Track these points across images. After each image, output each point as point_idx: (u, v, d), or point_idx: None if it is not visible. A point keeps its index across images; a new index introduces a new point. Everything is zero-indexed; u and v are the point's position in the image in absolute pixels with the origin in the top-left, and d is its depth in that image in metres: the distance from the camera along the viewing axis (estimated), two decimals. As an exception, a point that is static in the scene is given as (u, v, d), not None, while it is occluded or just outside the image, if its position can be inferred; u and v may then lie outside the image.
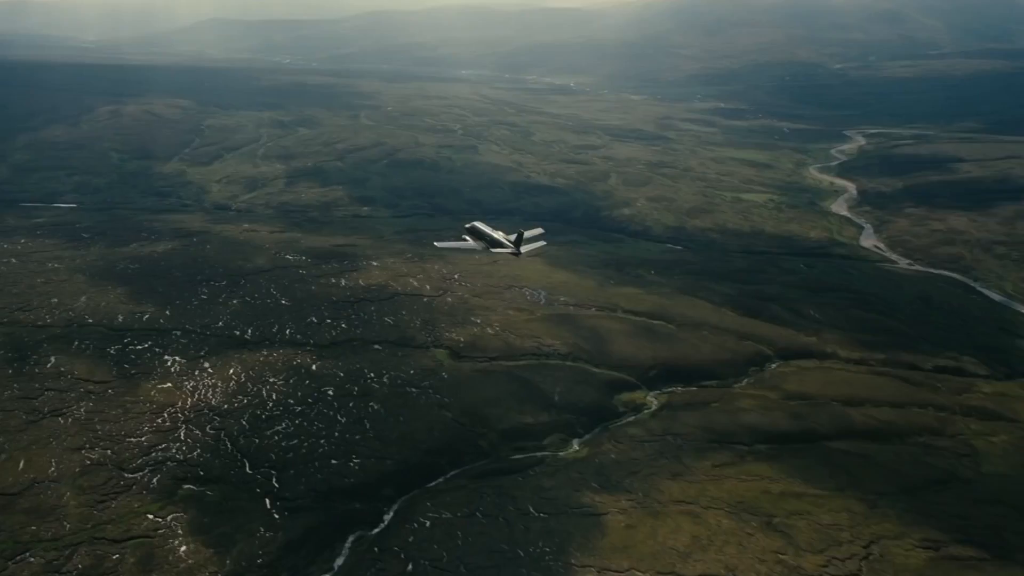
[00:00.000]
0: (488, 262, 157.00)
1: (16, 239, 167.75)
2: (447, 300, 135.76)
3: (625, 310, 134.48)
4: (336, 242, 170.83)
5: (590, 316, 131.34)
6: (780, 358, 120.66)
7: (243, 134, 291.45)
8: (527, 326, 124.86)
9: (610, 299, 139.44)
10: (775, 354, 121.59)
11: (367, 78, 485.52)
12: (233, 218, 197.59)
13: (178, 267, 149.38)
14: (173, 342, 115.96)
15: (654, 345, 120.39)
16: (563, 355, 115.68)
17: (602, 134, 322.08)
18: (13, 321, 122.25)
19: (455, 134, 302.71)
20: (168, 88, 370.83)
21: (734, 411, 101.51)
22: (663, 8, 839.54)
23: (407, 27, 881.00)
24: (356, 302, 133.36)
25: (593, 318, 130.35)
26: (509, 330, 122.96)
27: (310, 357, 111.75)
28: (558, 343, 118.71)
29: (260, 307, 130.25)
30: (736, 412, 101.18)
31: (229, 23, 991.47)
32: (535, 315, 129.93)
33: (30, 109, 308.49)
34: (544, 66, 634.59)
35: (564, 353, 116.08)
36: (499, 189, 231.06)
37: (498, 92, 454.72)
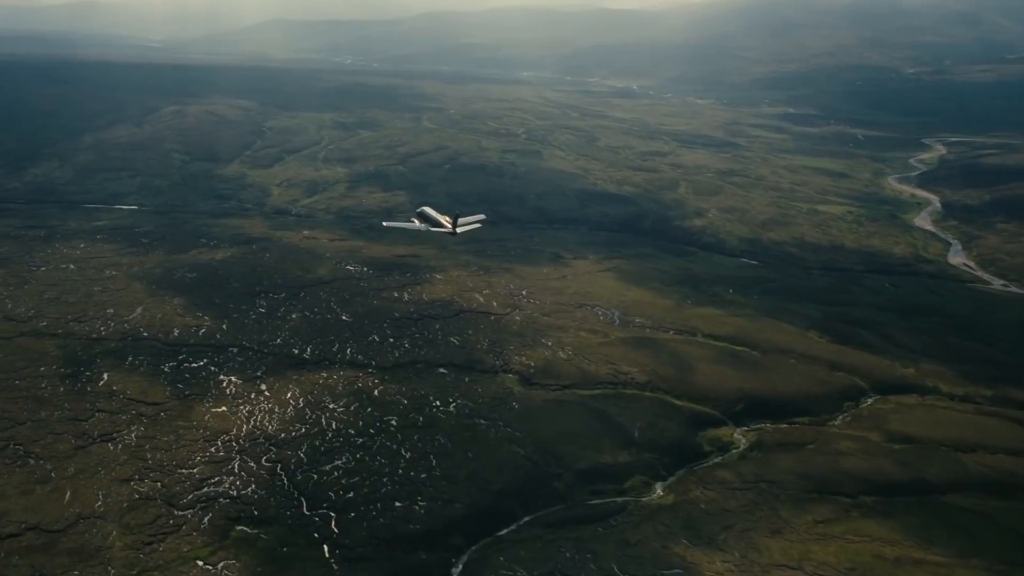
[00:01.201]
0: (557, 278, 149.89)
1: (76, 243, 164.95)
2: (515, 319, 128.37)
3: (705, 334, 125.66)
4: (398, 252, 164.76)
5: (668, 340, 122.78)
6: (876, 392, 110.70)
7: (304, 136, 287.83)
8: (602, 350, 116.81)
9: (688, 321, 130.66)
10: (870, 387, 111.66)
11: (428, 79, 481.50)
12: (293, 223, 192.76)
13: (236, 276, 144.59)
14: (229, 360, 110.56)
15: (739, 375, 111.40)
16: (641, 384, 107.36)
17: (669, 140, 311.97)
18: (68, 332, 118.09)
19: (518, 138, 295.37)
20: (231, 89, 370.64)
21: (833, 455, 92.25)
22: (726, 9, 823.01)
23: (467, 28, 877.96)
24: (420, 319, 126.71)
25: (672, 343, 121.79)
26: (582, 354, 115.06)
27: (372, 381, 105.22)
28: (636, 370, 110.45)
29: (320, 323, 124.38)
30: (835, 456, 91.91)
31: (292, 23, 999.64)
32: (609, 338, 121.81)
33: (95, 109, 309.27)
34: (606, 68, 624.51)
35: (643, 382, 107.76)
36: (564, 197, 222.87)
37: (561, 95, 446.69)
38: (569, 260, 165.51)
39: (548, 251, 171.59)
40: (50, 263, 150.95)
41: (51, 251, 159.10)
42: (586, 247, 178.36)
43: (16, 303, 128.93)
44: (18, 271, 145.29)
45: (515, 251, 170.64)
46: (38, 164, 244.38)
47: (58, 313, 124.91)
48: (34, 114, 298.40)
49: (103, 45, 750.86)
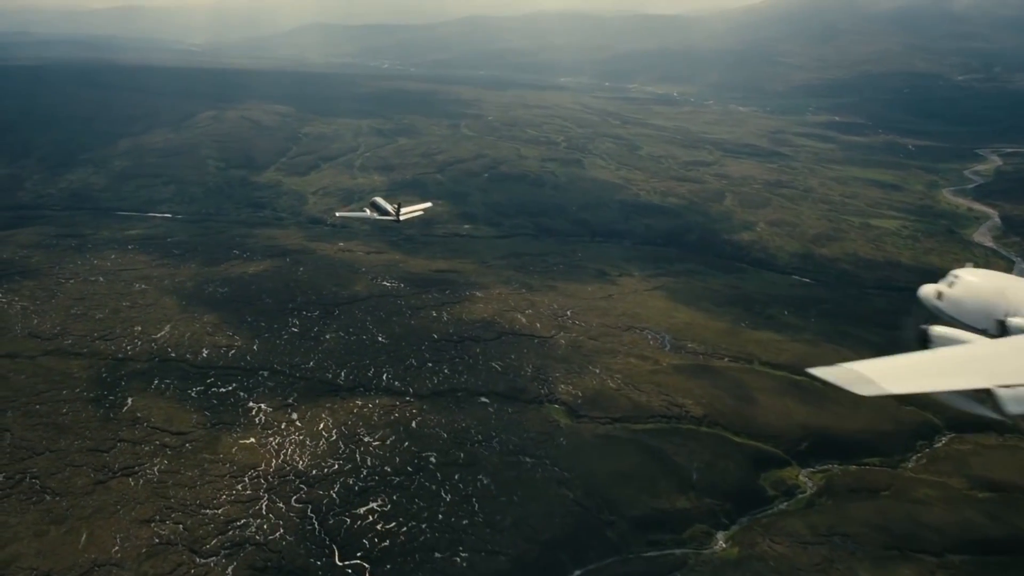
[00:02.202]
0: (603, 297, 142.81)
1: (107, 254, 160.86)
2: (560, 342, 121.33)
3: (762, 361, 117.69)
4: (437, 267, 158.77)
5: (724, 368, 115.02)
6: (950, 429, 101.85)
7: (341, 143, 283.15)
8: (653, 379, 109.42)
9: (744, 346, 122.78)
10: (944, 424, 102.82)
11: (466, 84, 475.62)
12: (328, 234, 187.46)
13: (269, 292, 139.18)
14: (259, 385, 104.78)
15: (802, 408, 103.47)
16: (698, 419, 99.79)
17: (713, 149, 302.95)
18: (93, 352, 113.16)
19: (558, 147, 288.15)
20: (268, 93, 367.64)
21: (912, 504, 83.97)
22: (767, 15, 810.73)
23: (505, 32, 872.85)
24: (460, 341, 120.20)
25: (728, 371, 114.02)
26: (633, 383, 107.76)
27: (410, 410, 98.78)
28: (691, 403, 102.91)
29: (355, 344, 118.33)
30: (914, 505, 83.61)
31: (330, 27, 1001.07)
32: (661, 365, 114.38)
33: (133, 113, 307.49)
34: (645, 74, 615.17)
35: (699, 416, 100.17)
36: (607, 208, 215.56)
37: (600, 101, 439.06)
38: (615, 277, 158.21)
39: (592, 267, 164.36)
40: (79, 275, 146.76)
41: (81, 262, 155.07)
42: (631, 262, 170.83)
43: (42, 319, 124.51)
44: (47, 284, 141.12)
45: (558, 267, 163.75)
46: (74, 170, 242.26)
47: (84, 330, 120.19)
48: (72, 119, 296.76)
49: (145, 49, 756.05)
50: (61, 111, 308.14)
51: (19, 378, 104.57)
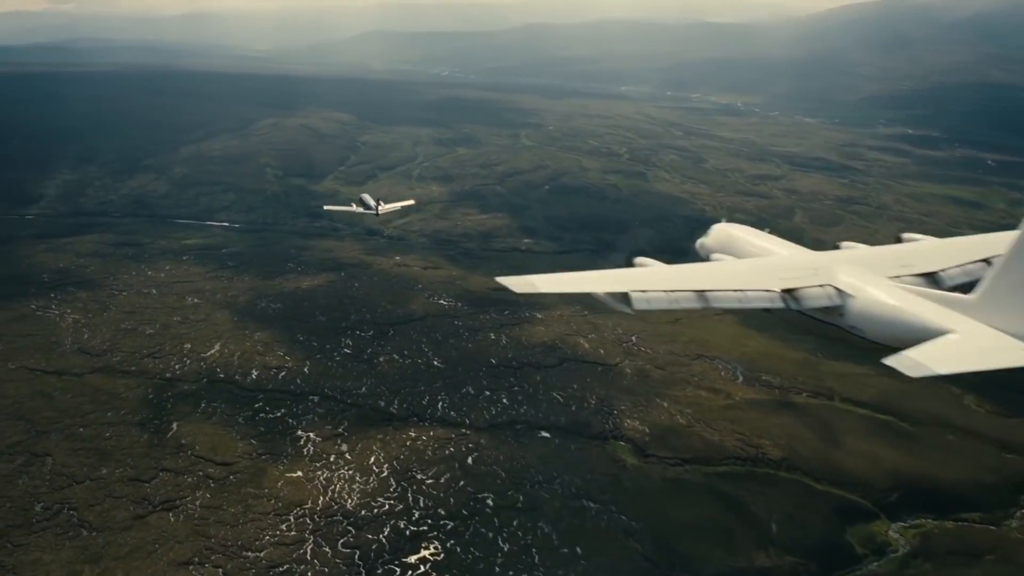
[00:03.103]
0: (670, 321, 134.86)
1: (162, 265, 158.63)
2: (625, 371, 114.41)
3: (844, 397, 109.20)
4: (496, 285, 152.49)
5: (802, 404, 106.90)
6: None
7: (399, 152, 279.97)
8: (726, 414, 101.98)
9: (822, 380, 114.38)
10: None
11: (526, 93, 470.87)
12: (385, 247, 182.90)
13: (323, 309, 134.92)
14: (309, 411, 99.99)
15: (890, 452, 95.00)
16: (776, 462, 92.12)
17: (780, 163, 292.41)
18: (142, 370, 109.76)
19: (620, 158, 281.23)
20: (328, 101, 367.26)
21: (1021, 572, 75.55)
22: (835, 23, 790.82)
23: (566, 40, 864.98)
24: (519, 368, 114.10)
25: (806, 407, 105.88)
26: (704, 419, 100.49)
27: (466, 445, 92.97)
28: (768, 443, 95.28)
29: (409, 369, 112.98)
30: (1023, 573, 75.29)
31: (392, 34, 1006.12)
32: (734, 399, 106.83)
33: (195, 120, 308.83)
34: (708, 84, 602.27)
35: (777, 459, 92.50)
36: (671, 224, 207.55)
37: (663, 111, 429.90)
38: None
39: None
40: (132, 287, 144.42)
41: (136, 272, 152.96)
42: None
43: (92, 333, 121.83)
44: (100, 296, 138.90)
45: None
46: (135, 176, 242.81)
47: (133, 347, 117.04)
48: (137, 125, 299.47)
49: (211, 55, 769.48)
50: (126, 117, 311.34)
51: (65, 397, 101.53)
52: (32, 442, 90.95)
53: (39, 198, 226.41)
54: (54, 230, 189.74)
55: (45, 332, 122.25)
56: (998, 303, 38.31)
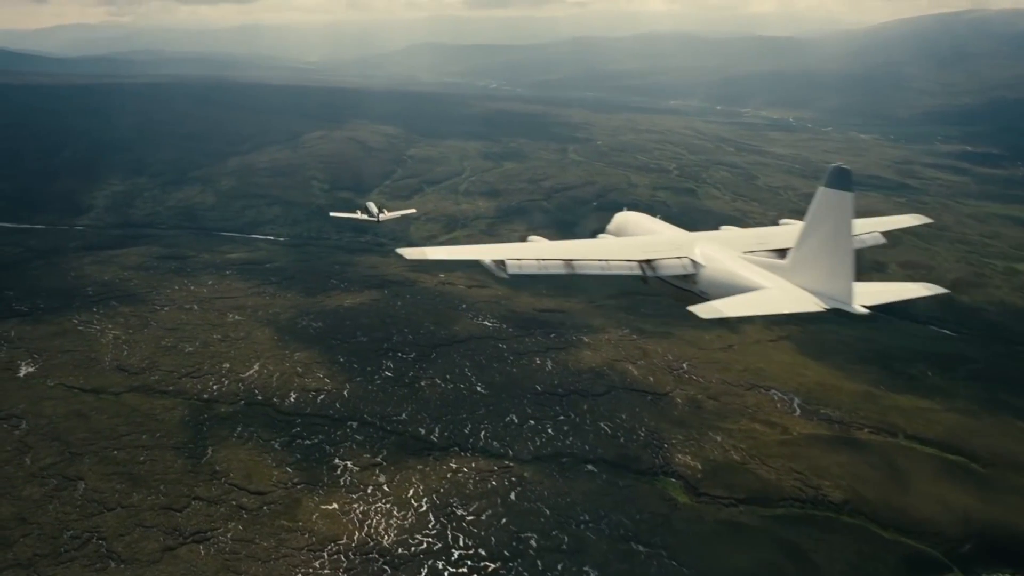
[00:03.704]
0: (722, 347, 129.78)
1: (205, 279, 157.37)
2: (676, 400, 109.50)
3: (908, 435, 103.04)
4: (542, 305, 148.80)
5: (864, 441, 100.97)
6: None
7: (446, 166, 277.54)
8: (782, 451, 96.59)
9: (885, 414, 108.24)
10: None
11: (574, 107, 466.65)
12: (429, 264, 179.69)
13: (365, 328, 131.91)
14: (347, 438, 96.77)
15: (962, 496, 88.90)
16: (837, 505, 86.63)
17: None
18: (179, 390, 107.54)
19: (670, 174, 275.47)
20: (376, 113, 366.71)
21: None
22: (890, 36, 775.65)
23: (615, 54, 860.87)
24: (565, 395, 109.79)
25: (869, 445, 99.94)
26: (760, 455, 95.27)
27: (509, 478, 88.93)
28: (828, 484, 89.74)
29: (451, 395, 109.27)
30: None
31: (441, 46, 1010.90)
32: (791, 434, 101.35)
33: (243, 132, 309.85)
34: (759, 98, 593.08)
35: (839, 502, 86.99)
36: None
37: (713, 126, 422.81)
38: (733, 323, 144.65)
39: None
40: (175, 302, 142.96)
41: (178, 287, 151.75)
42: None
43: (132, 350, 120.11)
44: (142, 311, 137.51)
45: (671, 309, 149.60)
46: (183, 188, 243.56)
47: (172, 365, 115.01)
48: (186, 137, 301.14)
49: (263, 66, 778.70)
50: (176, 129, 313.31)
51: (101, 418, 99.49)
52: (65, 464, 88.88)
53: (89, 209, 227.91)
54: (101, 242, 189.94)
55: (85, 348, 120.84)
56: (799, 267, 45.64)
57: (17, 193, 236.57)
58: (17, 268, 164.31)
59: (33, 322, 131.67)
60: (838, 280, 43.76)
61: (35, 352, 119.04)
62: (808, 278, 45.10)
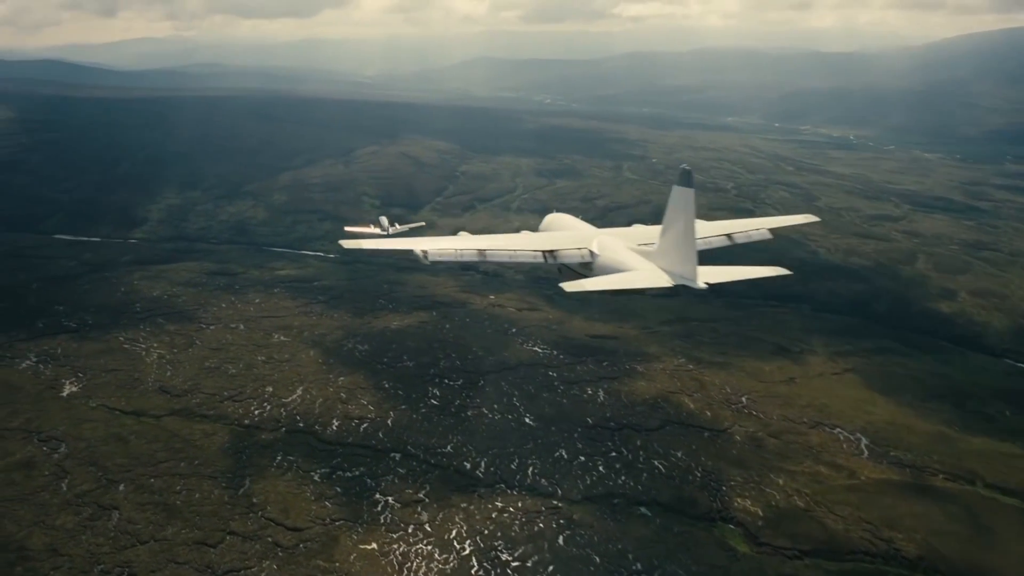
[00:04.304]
0: (783, 380, 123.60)
1: (252, 297, 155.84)
2: (735, 438, 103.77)
3: (988, 483, 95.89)
4: (595, 330, 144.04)
5: (940, 489, 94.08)
6: None
7: (498, 183, 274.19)
8: (850, 497, 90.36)
9: (961, 459, 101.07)
10: None
11: (630, 123, 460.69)
12: (479, 284, 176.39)
13: (411, 352, 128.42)
14: (389, 471, 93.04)
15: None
16: (912, 561, 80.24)
17: (899, 202, 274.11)
18: (220, 415, 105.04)
19: (728, 194, 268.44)
20: (430, 128, 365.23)
21: None
22: (954, 52, 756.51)
23: (672, 69, 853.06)
24: (618, 429, 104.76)
25: (946, 494, 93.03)
26: (825, 501, 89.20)
27: (557, 521, 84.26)
28: (901, 537, 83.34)
29: (499, 426, 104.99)
30: None
31: (496, 61, 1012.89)
32: (858, 478, 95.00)
33: (297, 147, 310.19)
34: (818, 115, 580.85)
35: (913, 557, 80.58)
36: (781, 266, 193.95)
37: (771, 144, 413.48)
38: (796, 354, 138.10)
39: (769, 339, 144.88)
40: (221, 320, 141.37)
41: (225, 305, 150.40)
42: (813, 335, 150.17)
43: (175, 371, 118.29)
44: (188, 330, 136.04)
45: (729, 337, 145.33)
46: (235, 203, 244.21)
47: (215, 387, 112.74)
48: (240, 151, 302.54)
49: (321, 80, 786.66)
50: (232, 143, 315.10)
51: (140, 443, 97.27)
52: (101, 492, 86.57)
53: (143, 222, 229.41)
54: (153, 256, 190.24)
55: (129, 367, 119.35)
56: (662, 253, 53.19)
57: (77, 206, 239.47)
58: (70, 282, 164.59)
59: (80, 339, 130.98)
60: (686, 262, 51.29)
61: (80, 371, 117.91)
62: (667, 261, 52.74)
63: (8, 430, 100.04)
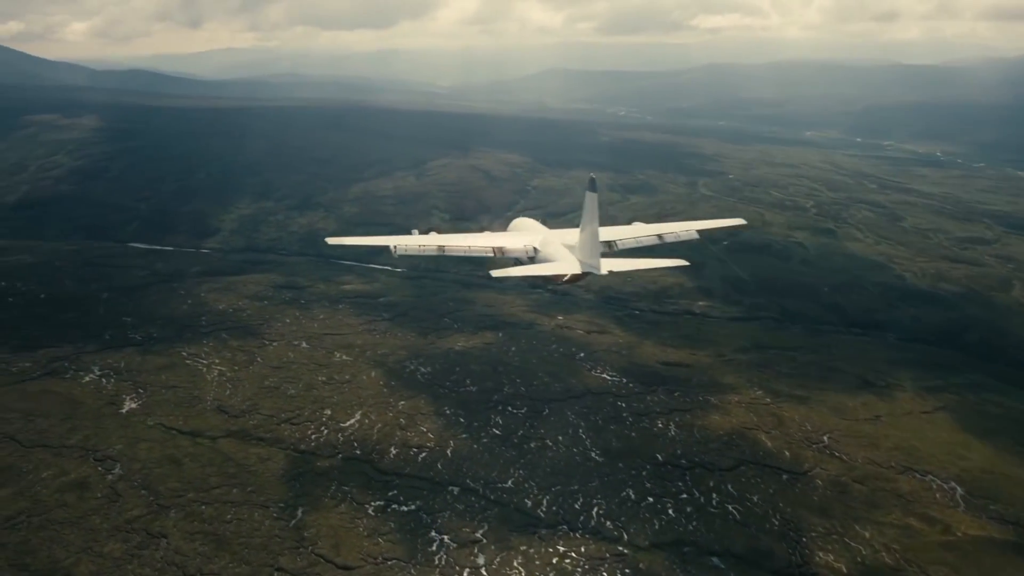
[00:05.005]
0: (868, 417, 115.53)
1: (317, 313, 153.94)
2: (816, 482, 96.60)
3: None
4: (666, 357, 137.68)
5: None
6: None
7: (569, 198, 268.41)
8: (945, 556, 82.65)
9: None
10: None
11: (706, 136, 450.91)
12: (548, 303, 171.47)
13: (475, 377, 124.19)
14: (446, 507, 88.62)
15: None
16: (1018, 638, 72.63)
17: (992, 224, 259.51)
18: (276, 439, 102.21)
19: (807, 213, 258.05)
20: (502, 141, 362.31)
21: None
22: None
23: (749, 81, 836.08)
24: (689, 468, 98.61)
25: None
26: (917, 559, 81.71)
27: (623, 569, 78.78)
28: (1004, 609, 75.66)
29: (563, 460, 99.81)
30: None
31: (571, 72, 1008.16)
32: (954, 534, 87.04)
33: (369, 159, 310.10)
34: (903, 130, 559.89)
35: (1018, 633, 72.98)
36: (865, 292, 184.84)
37: (853, 161, 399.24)
38: (881, 388, 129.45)
39: (851, 371, 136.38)
40: (284, 337, 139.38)
41: (289, 320, 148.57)
42: (899, 367, 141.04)
43: (235, 389, 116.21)
44: (250, 346, 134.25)
45: (809, 368, 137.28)
46: (306, 214, 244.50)
47: (273, 408, 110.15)
48: (313, 162, 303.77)
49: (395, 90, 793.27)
50: (305, 153, 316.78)
51: (194, 466, 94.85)
52: (151, 518, 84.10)
53: (216, 232, 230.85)
54: (223, 267, 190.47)
55: (190, 384, 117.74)
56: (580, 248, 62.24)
57: (153, 215, 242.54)
58: (139, 292, 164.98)
59: (144, 352, 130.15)
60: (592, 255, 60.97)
61: (141, 386, 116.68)
62: (582, 254, 62.25)
63: (66, 447, 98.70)
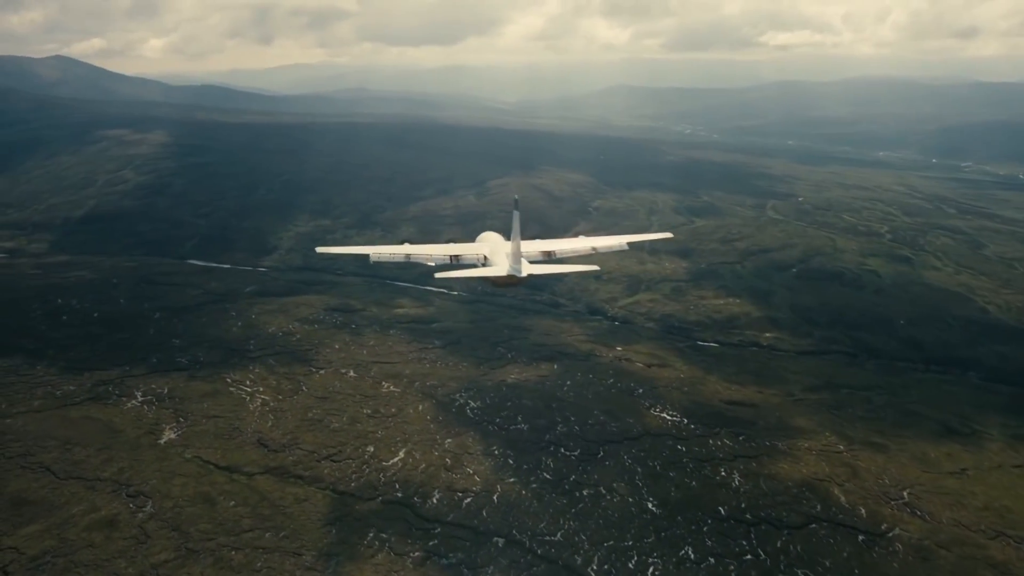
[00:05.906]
0: (953, 471, 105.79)
1: (366, 339, 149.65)
2: (895, 546, 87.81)
3: None
4: (731, 395, 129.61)
5: None
6: None
7: (633, 220, 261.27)
8: (1045, 640, 73.69)
9: None
10: None
11: (775, 156, 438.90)
12: (607, 332, 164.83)
13: (527, 413, 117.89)
14: (490, 560, 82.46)
15: None
16: None
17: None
18: (316, 477, 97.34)
19: (882, 239, 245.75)
20: (564, 159, 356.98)
21: None
22: None
23: (820, 99, 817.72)
24: (754, 524, 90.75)
25: None
26: (1012, 643, 72.86)
27: (679, 644, 71.56)
28: None
29: (617, 511, 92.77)
30: None
31: (636, 89, 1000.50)
32: (1054, 613, 77.91)
33: (429, 177, 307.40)
34: (982, 151, 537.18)
35: None
36: (944, 325, 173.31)
37: (929, 183, 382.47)
38: (966, 436, 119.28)
39: (932, 415, 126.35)
40: (332, 364, 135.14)
41: (339, 346, 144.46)
42: (985, 412, 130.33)
43: (277, 421, 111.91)
44: (296, 373, 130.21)
45: (886, 410, 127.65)
46: (364, 232, 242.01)
47: (314, 443, 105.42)
48: (373, 179, 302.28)
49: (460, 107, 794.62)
50: (366, 170, 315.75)
51: (227, 505, 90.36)
52: (178, 564, 79.68)
53: (273, 250, 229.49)
54: (277, 287, 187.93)
55: (231, 414, 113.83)
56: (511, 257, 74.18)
57: (212, 231, 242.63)
58: (191, 313, 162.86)
59: (189, 378, 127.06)
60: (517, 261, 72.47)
61: (182, 415, 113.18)
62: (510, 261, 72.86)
63: (100, 480, 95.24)
